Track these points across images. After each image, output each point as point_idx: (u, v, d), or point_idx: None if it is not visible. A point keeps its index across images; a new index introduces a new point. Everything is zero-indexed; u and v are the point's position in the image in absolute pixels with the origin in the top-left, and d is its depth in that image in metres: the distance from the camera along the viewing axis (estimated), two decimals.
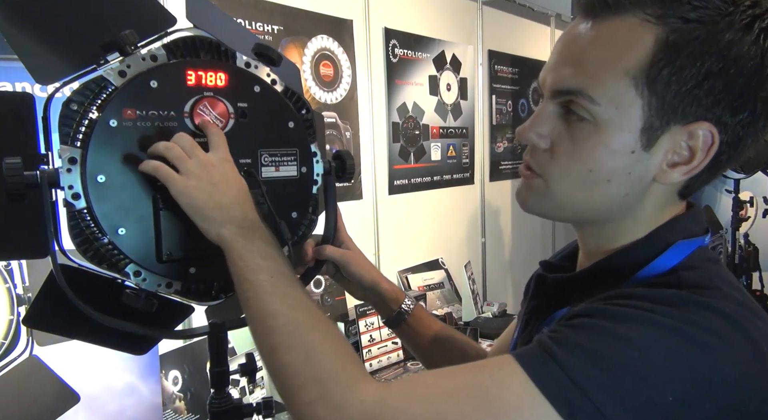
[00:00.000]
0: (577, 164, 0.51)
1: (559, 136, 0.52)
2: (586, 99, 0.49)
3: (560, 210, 0.55)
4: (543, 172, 0.54)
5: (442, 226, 2.52)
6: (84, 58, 0.59)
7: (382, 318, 0.80)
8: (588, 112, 0.50)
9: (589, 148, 0.51)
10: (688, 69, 0.47)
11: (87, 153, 0.55)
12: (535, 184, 0.55)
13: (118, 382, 1.17)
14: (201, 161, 0.57)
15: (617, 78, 0.49)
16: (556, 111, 0.53)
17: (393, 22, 2.19)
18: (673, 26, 0.47)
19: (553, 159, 0.53)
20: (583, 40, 0.51)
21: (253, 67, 0.64)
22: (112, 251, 0.58)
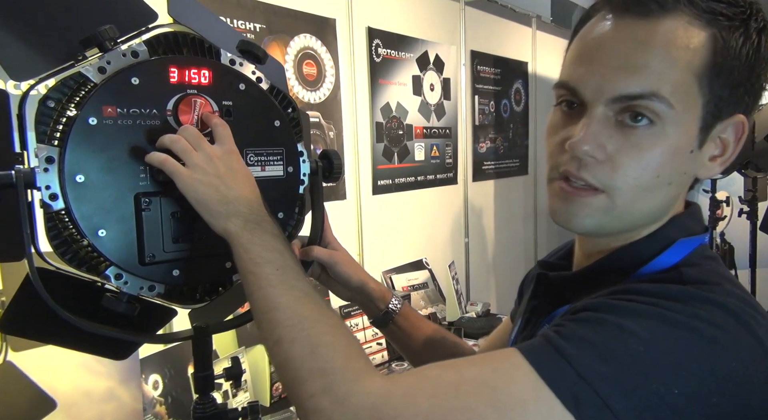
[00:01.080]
0: (646, 172, 0.49)
1: (617, 144, 0.50)
2: (662, 102, 0.48)
3: (619, 223, 0.53)
4: (606, 186, 0.50)
5: (426, 226, 2.52)
6: (61, 54, 0.57)
7: (370, 318, 0.79)
8: (657, 115, 0.48)
9: (657, 153, 0.49)
10: (737, 68, 0.49)
11: (65, 152, 0.53)
12: (597, 202, 0.51)
13: (97, 388, 1.14)
14: (207, 154, 0.56)
15: (686, 78, 0.48)
16: (609, 117, 0.50)
17: (376, 22, 2.18)
18: (721, 24, 0.48)
19: (616, 171, 0.50)
20: (637, 41, 0.48)
21: (238, 65, 0.63)
22: (91, 254, 0.56)
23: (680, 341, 0.43)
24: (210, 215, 0.55)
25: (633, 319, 0.44)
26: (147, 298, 0.60)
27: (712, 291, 0.47)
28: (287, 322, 0.50)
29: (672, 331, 0.44)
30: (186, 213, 0.58)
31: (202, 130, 0.58)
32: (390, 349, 1.90)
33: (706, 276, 0.49)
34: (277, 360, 0.50)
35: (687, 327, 0.44)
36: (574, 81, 0.51)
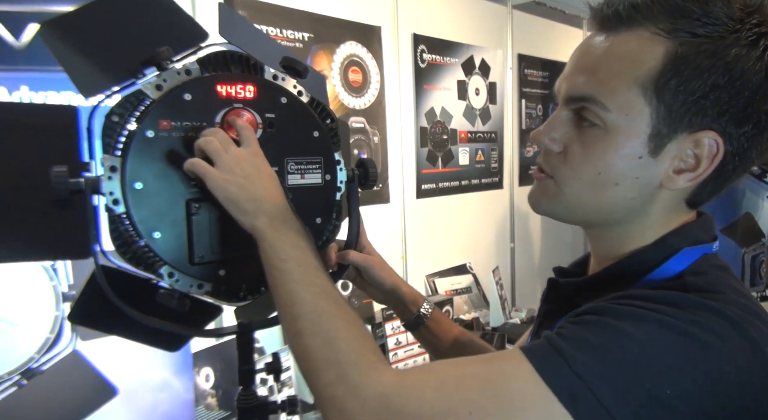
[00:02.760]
0: (587, 167, 0.54)
1: (571, 140, 0.55)
2: (598, 105, 0.52)
3: (570, 211, 0.58)
4: (555, 174, 0.56)
5: (470, 230, 2.51)
6: (124, 73, 0.63)
7: (402, 321, 0.82)
8: (599, 118, 0.53)
9: (598, 152, 0.53)
10: (695, 80, 0.50)
11: (126, 161, 0.59)
12: (547, 186, 0.57)
13: (153, 378, 1.22)
14: (235, 155, 0.60)
15: (627, 87, 0.51)
16: (569, 117, 0.56)
17: (421, 28, 2.21)
18: (682, 40, 0.50)
19: (565, 162, 0.55)
20: (597, 51, 0.54)
21: (281, 79, 0.67)
22: (147, 253, 0.62)
23: (674, 344, 0.45)
24: (238, 212, 0.59)
25: (630, 323, 0.46)
26: (196, 295, 0.65)
27: (712, 298, 0.48)
28: (307, 316, 0.54)
29: (667, 334, 0.45)
30: (230, 217, 0.62)
31: None
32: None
33: (709, 285, 0.50)
34: (296, 351, 0.54)
35: (682, 331, 0.45)
36: (555, 86, 0.58)
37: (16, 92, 1.10)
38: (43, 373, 1.15)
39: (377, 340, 1.87)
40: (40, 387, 1.14)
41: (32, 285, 1.13)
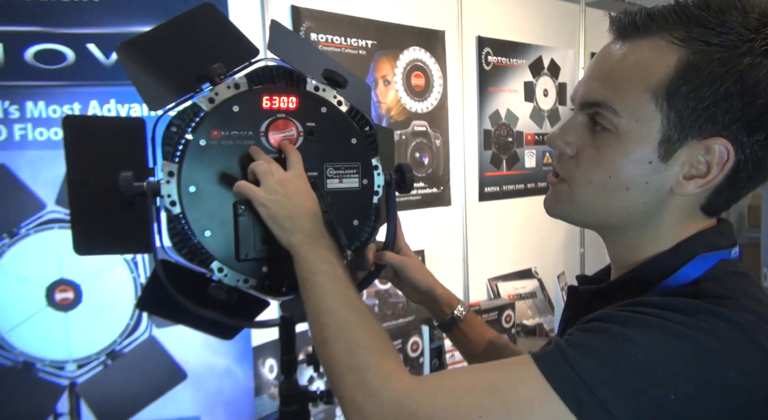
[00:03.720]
0: (598, 170, 0.55)
1: (584, 144, 0.56)
2: (610, 111, 0.53)
3: (582, 215, 0.59)
4: (568, 178, 0.58)
5: (535, 234, 2.46)
6: (184, 87, 0.71)
7: (437, 321, 0.84)
8: (611, 123, 0.54)
9: (609, 156, 0.54)
10: (706, 88, 0.50)
11: (182, 167, 0.65)
12: (561, 189, 0.59)
13: (217, 364, 1.32)
14: (280, 178, 0.65)
15: (639, 93, 0.52)
16: (584, 121, 0.57)
17: (487, 31, 2.20)
18: (696, 48, 0.50)
19: (578, 166, 0.57)
20: (612, 58, 0.55)
21: (321, 90, 0.72)
22: (200, 250, 0.69)
23: (678, 350, 0.45)
24: (277, 229, 0.64)
25: (635, 329, 0.47)
26: (243, 289, 0.72)
27: (723, 305, 0.48)
28: (333, 324, 0.58)
29: (670, 340, 0.46)
30: None
31: None
32: None
33: (723, 291, 0.50)
34: (323, 357, 0.58)
35: (686, 337, 0.46)
36: (573, 91, 0.61)
37: (106, 105, 1.24)
38: (125, 355, 1.28)
39: (433, 342, 1.88)
40: (121, 367, 1.28)
41: (116, 276, 1.27)
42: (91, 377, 1.27)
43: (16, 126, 1.20)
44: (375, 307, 1.82)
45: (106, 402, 1.27)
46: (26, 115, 1.20)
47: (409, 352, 1.85)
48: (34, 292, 1.23)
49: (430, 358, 1.88)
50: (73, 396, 1.26)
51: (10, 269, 1.22)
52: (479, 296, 2.22)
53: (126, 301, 1.27)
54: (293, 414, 0.75)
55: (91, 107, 1.23)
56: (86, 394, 1.27)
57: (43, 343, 1.25)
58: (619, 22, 0.54)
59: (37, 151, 1.21)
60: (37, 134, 1.21)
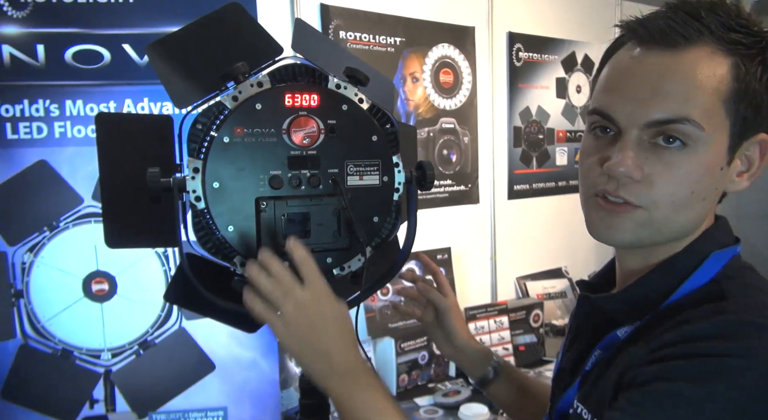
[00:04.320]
0: (680, 189, 0.54)
1: (652, 165, 0.54)
2: (692, 125, 0.52)
3: (657, 235, 0.57)
4: (643, 203, 0.55)
5: (566, 233, 2.42)
6: (209, 86, 0.73)
7: (472, 378, 0.83)
8: (689, 137, 0.53)
9: (689, 171, 0.54)
10: (758, 91, 0.53)
11: (206, 164, 0.67)
12: (636, 216, 0.55)
13: (244, 356, 1.35)
14: (297, 302, 0.60)
15: (714, 104, 0.53)
16: (643, 140, 0.55)
17: (518, 26, 2.17)
18: (741, 53, 0.53)
19: (651, 189, 0.54)
20: (669, 71, 0.53)
21: (343, 88, 0.72)
22: (224, 244, 0.70)
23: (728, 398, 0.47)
24: (309, 371, 0.61)
25: (704, 385, 0.47)
26: None
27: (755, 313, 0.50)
28: None
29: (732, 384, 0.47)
30: (294, 215, 0.69)
31: (309, 146, 0.69)
32: (516, 354, 1.88)
33: (745, 289, 0.53)
34: None
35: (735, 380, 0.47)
36: (609, 109, 0.56)
37: (139, 103, 1.28)
38: (156, 345, 1.33)
39: None
40: (153, 357, 1.32)
41: (148, 269, 1.31)
42: (125, 366, 1.32)
43: (56, 124, 1.25)
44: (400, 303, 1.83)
45: (138, 390, 1.32)
46: (66, 113, 1.26)
47: (435, 349, 1.85)
48: (72, 283, 1.28)
49: None
50: (108, 383, 1.32)
51: (50, 261, 1.28)
52: (507, 295, 2.20)
53: (157, 293, 1.31)
54: (313, 406, 0.76)
55: (125, 105, 1.27)
56: (120, 382, 1.32)
57: (81, 332, 1.30)
58: (657, 29, 0.53)
59: (76, 147, 1.27)
60: (75, 132, 1.26)
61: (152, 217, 0.74)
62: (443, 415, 1.58)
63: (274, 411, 1.39)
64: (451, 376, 1.87)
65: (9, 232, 1.25)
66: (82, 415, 1.31)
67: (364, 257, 0.68)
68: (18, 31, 1.21)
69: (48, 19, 1.21)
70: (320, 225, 0.71)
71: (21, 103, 1.23)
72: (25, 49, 1.21)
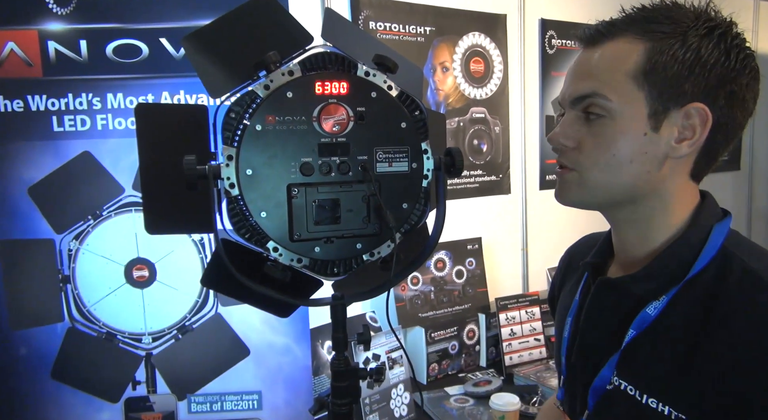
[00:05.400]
0: (602, 152, 0.65)
1: (582, 134, 0.66)
2: (602, 98, 0.64)
3: (593, 196, 0.68)
4: (575, 166, 0.67)
5: (599, 224, 2.36)
6: (243, 75, 0.74)
7: None
8: (604, 109, 0.64)
9: (609, 137, 0.64)
10: (673, 64, 0.62)
11: (239, 151, 0.69)
12: (570, 177, 0.68)
13: (277, 342, 1.39)
14: None
15: (621, 79, 0.64)
16: (576, 116, 0.67)
17: (550, 12, 2.13)
18: (656, 37, 0.63)
19: (581, 153, 0.66)
20: (589, 60, 0.67)
21: (372, 76, 0.73)
22: (257, 230, 0.72)
23: None
24: None
25: None
26: (297, 268, 0.75)
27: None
28: None
29: None
30: (325, 202, 0.70)
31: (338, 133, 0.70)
32: (548, 345, 1.87)
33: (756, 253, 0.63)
34: None
35: None
36: (559, 96, 0.71)
37: (176, 95, 1.32)
38: (194, 330, 1.37)
39: (490, 331, 1.87)
40: (191, 341, 1.37)
41: (185, 256, 1.35)
42: (165, 349, 1.38)
43: (99, 116, 1.31)
44: (431, 293, 1.84)
45: (177, 373, 1.37)
46: (107, 106, 1.31)
47: (465, 339, 1.85)
48: (114, 270, 1.34)
49: (487, 346, 1.87)
50: (150, 366, 1.37)
51: (94, 248, 1.33)
52: (539, 286, 2.17)
53: (194, 279, 1.36)
54: (345, 389, 0.77)
55: (162, 98, 1.31)
56: (160, 364, 1.37)
57: (123, 316, 1.36)
58: (585, 34, 0.68)
59: (117, 139, 1.32)
60: (116, 124, 1.31)
61: (189, 204, 0.76)
62: (474, 404, 1.58)
63: (307, 395, 1.43)
64: (481, 366, 1.87)
65: (56, 220, 1.31)
66: (126, 396, 1.37)
67: (394, 243, 0.69)
68: (62, 27, 1.26)
69: (90, 15, 1.26)
70: (350, 211, 0.72)
71: (66, 97, 1.28)
72: (69, 44, 1.26)
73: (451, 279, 1.88)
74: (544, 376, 1.70)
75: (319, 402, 0.84)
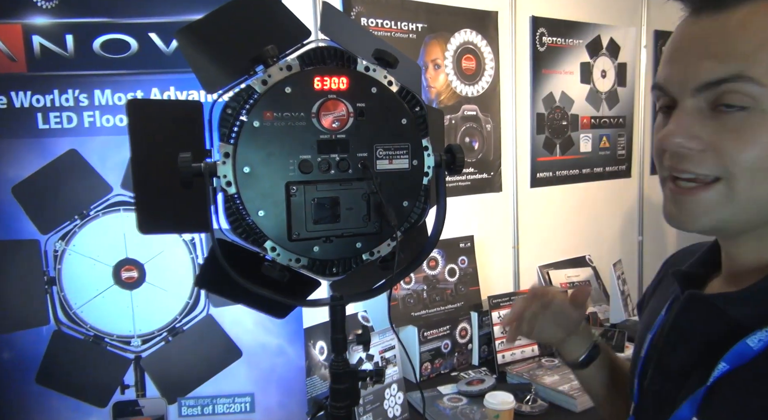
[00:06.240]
0: (751, 153, 0.48)
1: (714, 132, 0.49)
2: (748, 82, 0.47)
3: (743, 213, 0.51)
4: (718, 172, 0.50)
5: (590, 221, 2.38)
6: (239, 70, 0.72)
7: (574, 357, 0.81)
8: (751, 96, 0.47)
9: (759, 133, 0.48)
10: None
11: (237, 148, 0.67)
12: (712, 194, 0.51)
13: (270, 343, 1.37)
14: None
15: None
16: (701, 108, 0.50)
17: (541, 10, 2.13)
18: None
19: (721, 156, 0.49)
20: (717, 31, 0.49)
21: (372, 71, 0.71)
22: (255, 229, 0.70)
23: None
24: None
25: None
26: (295, 268, 0.73)
27: None
28: None
29: None
30: (324, 200, 0.69)
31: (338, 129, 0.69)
32: (541, 344, 1.87)
33: None
34: None
35: None
36: (663, 80, 0.53)
37: (166, 92, 1.29)
38: (185, 332, 1.35)
39: (483, 329, 1.87)
40: (181, 343, 1.34)
41: (176, 257, 1.33)
42: (155, 352, 1.35)
43: (86, 113, 1.27)
44: (423, 292, 1.83)
45: (167, 376, 1.35)
46: (95, 102, 1.27)
47: (458, 338, 1.84)
48: (102, 271, 1.31)
49: (479, 344, 1.87)
50: (139, 369, 1.34)
51: (81, 249, 1.30)
52: (530, 284, 2.18)
53: (185, 280, 1.33)
54: (344, 391, 0.76)
55: (152, 94, 1.28)
56: (150, 367, 1.34)
57: (111, 318, 1.33)
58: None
59: (105, 136, 1.28)
60: (104, 121, 1.28)
61: (183, 203, 0.74)
62: (467, 403, 1.57)
63: (301, 397, 1.41)
64: (474, 365, 1.87)
65: (42, 220, 1.28)
66: (114, 400, 1.34)
67: (396, 241, 0.68)
68: (47, 21, 1.22)
69: (76, 8, 1.22)
70: (350, 209, 0.71)
71: (51, 93, 1.24)
72: (55, 39, 1.22)
73: (443, 277, 1.87)
74: (537, 374, 1.70)
75: (316, 404, 0.82)
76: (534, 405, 1.54)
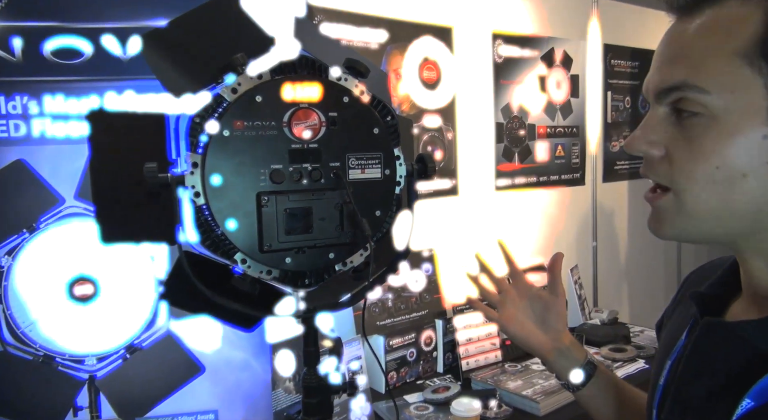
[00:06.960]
0: (699, 163, 0.47)
1: (672, 139, 0.49)
2: (694, 90, 0.46)
3: (700, 224, 0.49)
4: (670, 183, 0.49)
5: (548, 227, 2.45)
6: (207, 78, 0.70)
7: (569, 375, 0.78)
8: (699, 104, 0.46)
9: (708, 143, 0.46)
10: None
11: (206, 159, 0.65)
12: (664, 203, 0.50)
13: (235, 358, 1.33)
14: None
15: (725, 61, 0.45)
16: (666, 114, 0.50)
17: (498, 24, 2.18)
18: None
19: (672, 165, 0.48)
20: (682, 36, 0.49)
21: (343, 80, 0.71)
22: (224, 241, 0.68)
23: None
24: None
25: None
26: (266, 280, 0.71)
27: None
28: None
29: None
30: (296, 210, 0.68)
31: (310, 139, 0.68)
32: (504, 349, 1.90)
33: None
34: None
35: None
36: (643, 86, 0.53)
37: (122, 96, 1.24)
38: (144, 349, 1.29)
39: (447, 336, 1.88)
40: (140, 361, 1.28)
41: (134, 271, 1.27)
42: (111, 371, 1.28)
43: (35, 121, 1.21)
44: (388, 301, 1.82)
45: (125, 395, 1.28)
46: (44, 109, 1.21)
47: (423, 346, 1.85)
48: (53, 287, 1.24)
49: (444, 351, 1.88)
50: (93, 389, 1.27)
51: (30, 264, 1.23)
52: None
53: (144, 295, 1.28)
54: (316, 405, 0.75)
55: (107, 98, 1.23)
56: (105, 387, 1.28)
57: (63, 337, 1.26)
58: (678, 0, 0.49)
59: (56, 146, 1.22)
60: (55, 130, 1.22)
61: (147, 213, 0.71)
62: (434, 410, 1.58)
63: (266, 412, 1.37)
64: (438, 373, 1.87)
65: None
66: None
67: (371, 251, 0.68)
68: None
69: (25, 10, 1.16)
70: (322, 220, 0.70)
71: None
72: (0, 43, 1.16)
73: (408, 286, 1.88)
74: (501, 380, 1.72)
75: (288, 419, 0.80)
76: (498, 410, 1.56)
